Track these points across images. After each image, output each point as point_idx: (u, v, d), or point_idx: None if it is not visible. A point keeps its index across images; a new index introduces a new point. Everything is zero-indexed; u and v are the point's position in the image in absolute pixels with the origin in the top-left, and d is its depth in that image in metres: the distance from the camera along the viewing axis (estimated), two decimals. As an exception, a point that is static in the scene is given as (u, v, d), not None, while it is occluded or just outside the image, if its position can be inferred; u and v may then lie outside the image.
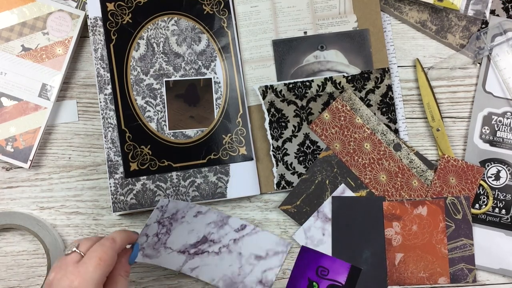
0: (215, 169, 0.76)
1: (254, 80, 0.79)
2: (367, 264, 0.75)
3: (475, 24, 0.80)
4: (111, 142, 0.75)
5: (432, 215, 0.76)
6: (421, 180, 0.76)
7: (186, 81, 0.77)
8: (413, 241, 0.76)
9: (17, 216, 0.75)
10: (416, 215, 0.76)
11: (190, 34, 0.77)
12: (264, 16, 0.79)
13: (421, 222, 0.76)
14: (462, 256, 0.76)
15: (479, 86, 0.80)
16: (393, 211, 0.76)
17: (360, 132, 0.77)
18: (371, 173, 0.76)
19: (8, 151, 0.75)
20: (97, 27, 0.75)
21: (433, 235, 0.76)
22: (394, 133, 0.77)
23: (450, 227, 0.76)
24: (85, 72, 0.79)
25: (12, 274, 0.77)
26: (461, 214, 0.76)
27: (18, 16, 0.76)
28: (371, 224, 0.76)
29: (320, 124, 0.77)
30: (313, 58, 0.79)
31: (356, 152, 0.77)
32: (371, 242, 0.76)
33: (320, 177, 0.77)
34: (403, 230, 0.76)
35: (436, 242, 0.75)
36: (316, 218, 0.76)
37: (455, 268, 0.75)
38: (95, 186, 0.78)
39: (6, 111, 0.76)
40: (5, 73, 0.76)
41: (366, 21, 0.79)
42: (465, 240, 0.76)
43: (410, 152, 0.77)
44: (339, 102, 0.77)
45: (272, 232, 0.77)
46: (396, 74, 0.80)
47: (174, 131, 0.76)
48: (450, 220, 0.76)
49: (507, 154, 0.78)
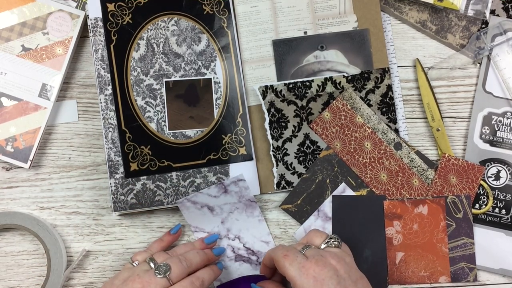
0: (215, 169, 0.76)
1: (254, 80, 0.79)
2: (367, 263, 0.75)
3: (475, 24, 0.80)
4: (112, 143, 0.75)
5: (432, 214, 0.76)
6: (421, 179, 0.76)
7: (186, 81, 0.77)
8: (413, 240, 0.76)
9: (17, 216, 0.75)
10: (417, 214, 0.76)
11: (190, 34, 0.77)
12: (264, 16, 0.79)
13: (421, 221, 0.76)
14: (463, 255, 0.76)
15: (479, 86, 0.80)
16: (394, 210, 0.76)
17: (360, 131, 0.77)
18: (371, 172, 0.77)
19: (8, 151, 0.75)
20: (98, 28, 0.75)
21: (434, 234, 0.76)
22: (394, 132, 0.77)
23: (451, 226, 0.76)
24: (85, 72, 0.79)
25: (12, 274, 0.77)
26: (462, 213, 0.76)
27: (18, 16, 0.76)
28: (371, 223, 0.76)
29: (321, 123, 0.77)
30: (313, 58, 0.79)
31: (357, 151, 0.77)
32: (372, 241, 0.76)
33: (321, 176, 0.77)
34: (404, 229, 0.76)
35: (437, 241, 0.75)
36: (317, 217, 0.76)
37: (456, 267, 0.75)
38: (95, 186, 0.78)
39: (6, 111, 0.76)
40: (5, 73, 0.76)
41: (366, 21, 0.79)
42: (466, 239, 0.76)
43: (410, 151, 0.77)
44: (339, 101, 0.77)
45: (273, 232, 0.77)
46: (396, 74, 0.80)
47: (174, 132, 0.76)
48: (451, 219, 0.76)
49: (507, 154, 0.78)
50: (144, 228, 0.77)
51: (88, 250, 0.77)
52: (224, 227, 0.75)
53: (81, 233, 0.77)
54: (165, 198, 0.74)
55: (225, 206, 0.74)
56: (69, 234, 0.77)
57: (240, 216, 0.75)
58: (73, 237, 0.77)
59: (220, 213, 0.75)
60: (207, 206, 0.74)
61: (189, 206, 0.73)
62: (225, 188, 0.73)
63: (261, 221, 0.76)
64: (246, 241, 0.75)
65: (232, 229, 0.75)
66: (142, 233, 0.77)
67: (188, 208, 0.73)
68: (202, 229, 0.75)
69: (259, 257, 0.75)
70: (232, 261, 0.74)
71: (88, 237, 0.77)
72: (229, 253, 0.74)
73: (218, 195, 0.73)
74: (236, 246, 0.75)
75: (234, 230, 0.75)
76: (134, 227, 0.77)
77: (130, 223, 0.77)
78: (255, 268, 0.74)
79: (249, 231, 0.75)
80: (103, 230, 0.77)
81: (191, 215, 0.74)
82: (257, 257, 0.75)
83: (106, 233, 0.77)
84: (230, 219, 0.75)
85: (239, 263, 0.74)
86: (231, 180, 0.73)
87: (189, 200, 0.73)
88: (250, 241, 0.75)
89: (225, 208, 0.74)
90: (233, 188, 0.73)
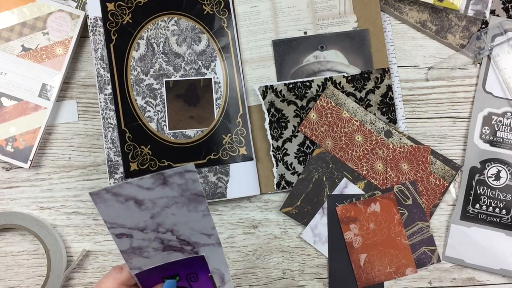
0: (215, 169, 0.76)
1: (254, 80, 0.79)
2: None
3: (475, 24, 0.80)
4: (111, 142, 0.75)
5: (385, 209, 0.76)
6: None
7: (186, 81, 0.77)
8: (373, 239, 0.76)
9: (17, 216, 0.75)
10: (371, 213, 0.76)
11: (190, 34, 0.77)
12: (264, 16, 0.79)
13: (376, 219, 0.76)
14: (421, 240, 0.76)
15: (479, 86, 0.80)
16: (348, 214, 0.76)
17: (349, 125, 0.77)
18: (367, 164, 0.77)
19: (8, 151, 0.75)
20: (97, 27, 0.75)
21: (391, 228, 0.76)
22: (382, 121, 0.77)
23: (403, 214, 0.76)
24: (85, 72, 0.79)
25: (12, 274, 0.77)
26: (411, 199, 0.76)
27: (18, 16, 0.76)
28: (371, 224, 0.76)
29: (308, 125, 0.77)
30: (313, 58, 0.79)
31: (349, 146, 0.77)
32: None
33: (317, 175, 0.77)
34: (361, 231, 0.76)
35: (396, 235, 0.76)
36: (322, 215, 0.77)
37: (418, 253, 0.76)
38: (95, 186, 0.78)
39: (6, 111, 0.76)
40: (5, 73, 0.76)
41: (366, 21, 0.79)
42: (420, 223, 0.76)
43: (402, 136, 0.77)
44: (323, 100, 0.77)
45: (273, 232, 0.77)
46: (396, 74, 0.80)
47: (174, 131, 0.76)
48: (402, 207, 0.76)
49: (507, 154, 0.78)
50: (144, 228, 0.77)
51: (88, 250, 0.77)
52: (153, 222, 0.58)
53: (81, 233, 0.77)
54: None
55: (160, 200, 0.57)
56: (69, 234, 0.77)
57: (178, 211, 0.58)
58: (73, 237, 0.77)
59: (151, 208, 0.57)
60: (134, 199, 0.57)
61: (107, 198, 0.56)
62: (165, 180, 0.56)
63: (206, 215, 0.59)
64: (181, 234, 0.59)
65: (164, 223, 0.58)
66: (142, 233, 0.77)
67: (105, 201, 0.56)
68: (122, 225, 0.58)
69: (195, 247, 0.60)
70: (158, 251, 0.60)
71: (88, 237, 0.77)
72: (156, 244, 0.60)
73: (152, 187, 0.56)
74: (167, 239, 0.60)
75: (167, 225, 0.59)
76: (134, 227, 0.77)
77: (130, 223, 0.77)
78: (189, 256, 0.61)
79: (187, 225, 0.59)
80: (103, 230, 0.77)
81: (108, 209, 0.57)
82: (193, 247, 0.60)
83: (106, 233, 0.77)
84: (163, 213, 0.58)
85: (168, 252, 0.61)
86: (176, 170, 0.55)
87: (109, 191, 0.55)
88: (187, 233, 0.59)
89: (159, 202, 0.57)
90: (176, 180, 0.57)
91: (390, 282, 0.77)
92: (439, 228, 0.78)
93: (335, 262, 0.76)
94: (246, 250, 0.78)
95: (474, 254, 0.77)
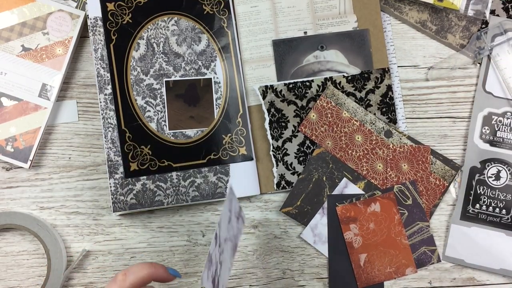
0: (215, 169, 0.76)
1: (254, 80, 0.79)
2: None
3: (475, 24, 0.80)
4: (111, 142, 0.75)
5: (385, 209, 0.76)
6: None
7: (186, 81, 0.77)
8: (373, 239, 0.76)
9: (17, 216, 0.75)
10: (371, 213, 0.76)
11: (190, 34, 0.77)
12: (264, 16, 0.79)
13: (376, 219, 0.76)
14: (421, 240, 0.76)
15: (479, 86, 0.80)
16: (348, 214, 0.76)
17: (349, 125, 0.77)
18: (367, 164, 0.77)
19: (8, 151, 0.75)
20: (97, 27, 0.75)
21: (391, 228, 0.76)
22: (382, 121, 0.77)
23: (403, 214, 0.76)
24: (85, 72, 0.79)
25: (12, 274, 0.77)
26: (411, 199, 0.76)
27: (18, 16, 0.76)
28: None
29: (308, 125, 0.77)
30: (313, 58, 0.79)
31: (349, 146, 0.77)
32: None
33: (317, 175, 0.77)
34: (361, 231, 0.76)
35: (396, 235, 0.76)
36: (322, 215, 0.77)
37: (418, 253, 0.76)
38: (95, 186, 0.78)
39: (6, 111, 0.76)
40: (5, 73, 0.76)
41: (366, 21, 0.79)
42: (420, 223, 0.76)
43: (402, 136, 0.77)
44: (323, 100, 0.77)
45: (273, 232, 0.77)
46: (396, 74, 0.80)
47: (174, 131, 0.76)
48: (402, 207, 0.76)
49: (507, 154, 0.78)
50: (144, 228, 0.77)
51: (88, 250, 0.77)
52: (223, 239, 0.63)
53: (81, 233, 0.77)
54: (165, 198, 0.74)
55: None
56: (69, 234, 0.77)
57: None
58: (73, 237, 0.77)
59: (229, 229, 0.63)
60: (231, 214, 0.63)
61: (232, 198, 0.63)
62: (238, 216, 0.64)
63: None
64: None
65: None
66: (142, 233, 0.77)
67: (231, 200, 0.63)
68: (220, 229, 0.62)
69: None
70: None
71: (88, 237, 0.77)
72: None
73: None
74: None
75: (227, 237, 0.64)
76: (134, 227, 0.77)
77: (130, 223, 0.77)
78: None
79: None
80: (103, 230, 0.77)
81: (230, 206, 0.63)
82: None
83: (106, 233, 0.77)
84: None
85: None
86: (243, 216, 0.65)
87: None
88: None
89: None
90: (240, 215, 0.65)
91: (390, 282, 0.77)
92: (439, 228, 0.78)
93: (335, 262, 0.76)
94: (246, 250, 0.78)
95: (474, 254, 0.77)
